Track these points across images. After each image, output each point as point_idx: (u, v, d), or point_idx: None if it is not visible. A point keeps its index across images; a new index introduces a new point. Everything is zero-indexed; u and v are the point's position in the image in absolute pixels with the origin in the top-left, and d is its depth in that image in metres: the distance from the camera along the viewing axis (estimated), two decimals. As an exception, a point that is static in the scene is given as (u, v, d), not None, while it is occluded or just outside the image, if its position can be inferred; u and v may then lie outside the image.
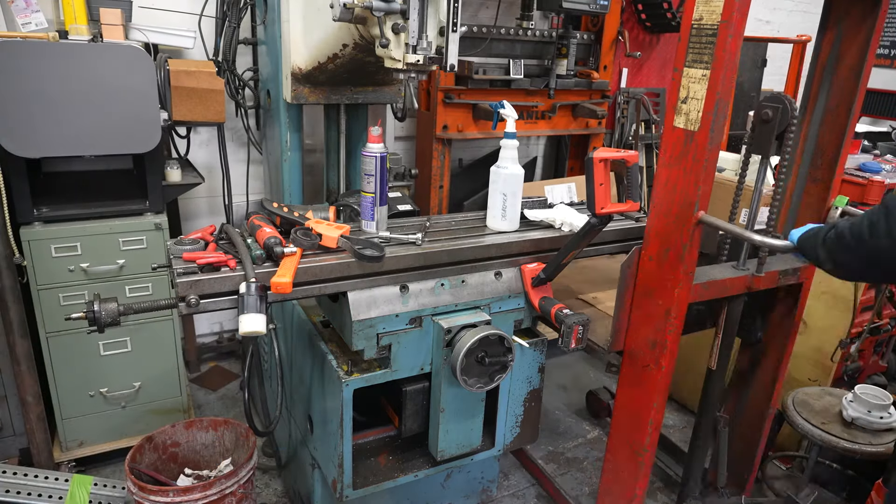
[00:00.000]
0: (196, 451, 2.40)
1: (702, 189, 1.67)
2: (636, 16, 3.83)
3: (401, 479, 2.07)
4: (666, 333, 1.84)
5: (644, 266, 1.89)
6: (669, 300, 1.80)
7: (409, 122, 3.71)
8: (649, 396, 1.95)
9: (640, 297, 1.92)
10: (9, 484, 2.29)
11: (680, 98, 1.68)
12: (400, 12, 1.72)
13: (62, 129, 2.19)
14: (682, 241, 1.73)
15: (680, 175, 1.71)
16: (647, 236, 1.86)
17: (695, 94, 1.64)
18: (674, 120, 1.71)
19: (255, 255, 1.69)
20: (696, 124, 1.64)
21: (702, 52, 1.60)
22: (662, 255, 1.81)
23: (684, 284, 1.78)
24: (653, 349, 1.90)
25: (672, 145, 1.73)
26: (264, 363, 2.85)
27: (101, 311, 1.63)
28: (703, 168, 1.65)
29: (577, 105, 3.61)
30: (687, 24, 1.63)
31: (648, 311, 1.90)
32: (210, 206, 3.45)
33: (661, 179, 1.78)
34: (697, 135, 1.64)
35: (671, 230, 1.76)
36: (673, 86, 1.70)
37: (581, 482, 2.91)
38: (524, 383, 2.18)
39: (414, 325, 1.88)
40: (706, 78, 1.60)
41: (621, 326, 1.98)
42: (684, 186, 1.70)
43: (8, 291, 2.29)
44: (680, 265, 1.75)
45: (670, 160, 1.74)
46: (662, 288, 1.82)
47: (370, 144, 1.87)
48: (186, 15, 3.01)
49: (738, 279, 1.96)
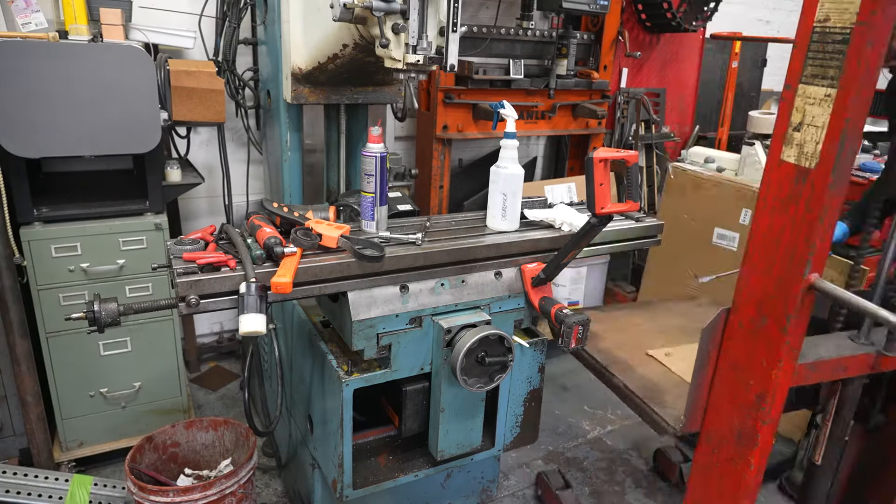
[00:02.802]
0: (196, 451, 2.40)
1: (817, 246, 1.31)
2: (636, 16, 3.83)
3: (401, 479, 2.07)
4: (757, 423, 1.46)
5: (733, 334, 1.52)
6: (764, 383, 1.44)
7: (409, 122, 3.72)
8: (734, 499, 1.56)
9: (726, 372, 1.55)
10: (9, 484, 2.29)
11: (791, 124, 1.32)
12: (400, 12, 1.72)
13: (62, 129, 2.19)
14: (787, 310, 1.37)
15: (787, 225, 1.35)
16: (737, 297, 1.50)
17: (813, 119, 1.28)
18: (781, 152, 1.35)
19: (255, 255, 1.69)
20: (812, 160, 1.28)
21: (826, 64, 1.25)
22: (757, 325, 1.44)
23: (785, 365, 1.41)
24: (739, 440, 1.52)
25: (777, 185, 1.37)
26: (264, 363, 2.85)
27: (101, 311, 1.63)
28: (820, 219, 1.28)
29: (577, 105, 3.61)
30: (806, 28, 1.28)
31: (735, 391, 1.52)
32: (210, 206, 3.45)
33: (760, 227, 1.42)
34: (814, 174, 1.28)
35: (771, 294, 1.41)
36: (783, 107, 1.35)
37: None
38: (524, 383, 2.18)
39: (414, 325, 1.88)
40: (830, 99, 1.24)
41: (698, 405, 1.62)
42: (792, 240, 1.35)
43: (8, 291, 2.29)
44: (781, 340, 1.39)
45: (774, 204, 1.38)
46: (755, 366, 1.46)
47: (370, 144, 1.87)
48: (186, 15, 3.01)
49: (858, 358, 1.54)
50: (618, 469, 3.02)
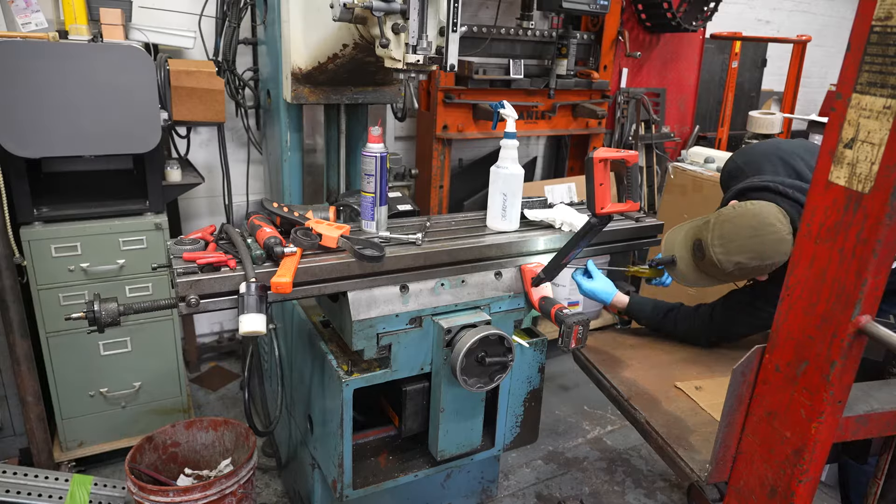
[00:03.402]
0: (196, 451, 2.40)
1: (869, 283, 1.12)
2: (636, 16, 3.83)
3: (401, 479, 2.07)
4: (793, 480, 1.28)
5: (768, 378, 1.33)
6: (803, 436, 1.26)
7: (409, 122, 3.71)
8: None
9: (760, 419, 1.37)
10: (9, 484, 2.29)
11: (842, 140, 1.13)
12: (400, 12, 1.72)
13: (62, 129, 2.19)
14: (831, 356, 1.19)
15: (834, 257, 1.17)
16: (774, 336, 1.31)
17: (869, 135, 1.08)
18: (829, 172, 1.16)
19: (256, 255, 1.69)
20: (867, 183, 1.09)
21: (887, 70, 1.05)
22: (797, 369, 1.26)
23: (828, 418, 1.22)
24: (771, 499, 1.34)
25: (823, 210, 1.18)
26: (264, 363, 2.85)
27: (101, 311, 1.63)
28: (874, 252, 1.09)
29: (577, 105, 3.61)
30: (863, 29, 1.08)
31: (769, 443, 1.34)
32: (210, 206, 3.45)
33: (803, 257, 1.24)
34: (869, 199, 1.09)
35: (814, 337, 1.22)
36: (833, 119, 1.16)
37: (581, 482, 2.91)
38: (524, 383, 2.18)
39: (414, 325, 1.88)
40: (891, 112, 1.04)
41: (727, 454, 1.45)
42: (839, 275, 1.16)
43: (8, 291, 2.29)
44: (824, 389, 1.21)
45: (820, 233, 1.19)
46: (794, 416, 1.28)
47: (370, 144, 1.87)
48: (186, 15, 3.01)
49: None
50: (618, 469, 3.02)
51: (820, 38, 6.03)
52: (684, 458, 1.59)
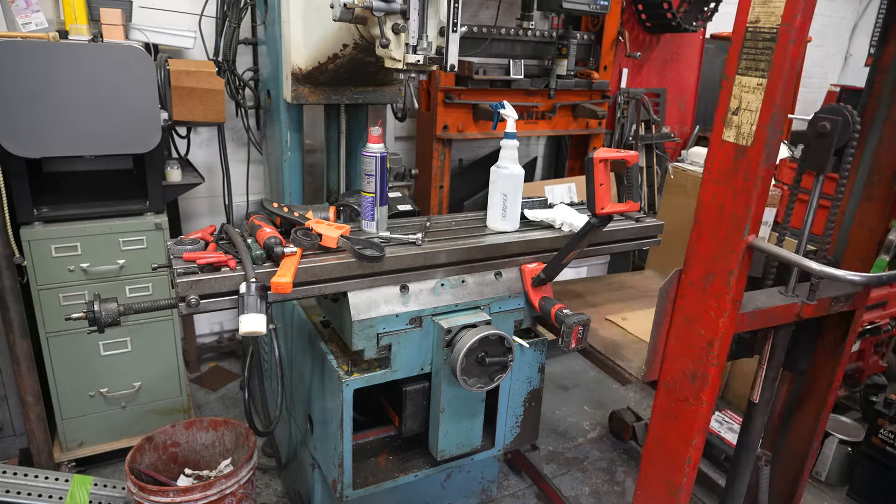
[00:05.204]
0: (196, 452, 2.40)
1: (753, 211, 1.53)
2: (636, 16, 3.83)
3: (401, 479, 2.07)
4: (708, 366, 1.69)
5: (685, 292, 1.73)
6: (713, 331, 1.65)
7: (409, 122, 3.72)
8: (688, 433, 1.78)
9: (680, 324, 1.76)
10: (9, 484, 2.29)
11: (730, 109, 1.54)
12: (400, 12, 1.72)
13: (62, 129, 2.19)
14: (730, 267, 1.58)
15: (728, 194, 1.57)
16: (688, 259, 1.71)
17: (748, 104, 1.49)
18: (722, 133, 1.56)
19: (256, 255, 1.69)
20: (748, 139, 1.50)
21: (757, 58, 1.47)
22: (706, 281, 1.66)
23: (730, 314, 1.63)
24: (692, 382, 1.74)
25: (720, 161, 1.58)
26: (264, 363, 2.85)
27: (101, 311, 1.63)
28: (756, 188, 1.50)
29: (577, 105, 3.61)
30: (741, 27, 1.49)
31: (688, 340, 1.74)
32: (210, 206, 3.45)
33: (705, 197, 1.64)
34: (750, 151, 1.49)
35: (717, 254, 1.62)
36: (723, 94, 1.57)
37: (581, 482, 2.91)
38: (524, 383, 2.18)
39: (414, 326, 1.88)
40: (762, 88, 1.46)
41: (657, 355, 1.83)
42: (733, 207, 1.56)
43: (8, 291, 2.29)
44: (726, 293, 1.60)
45: (718, 177, 1.60)
46: (705, 317, 1.67)
47: (370, 144, 1.87)
48: (186, 15, 3.01)
49: (786, 307, 1.77)
50: (618, 469, 3.02)
51: (820, 39, 6.03)
52: (622, 366, 1.97)
